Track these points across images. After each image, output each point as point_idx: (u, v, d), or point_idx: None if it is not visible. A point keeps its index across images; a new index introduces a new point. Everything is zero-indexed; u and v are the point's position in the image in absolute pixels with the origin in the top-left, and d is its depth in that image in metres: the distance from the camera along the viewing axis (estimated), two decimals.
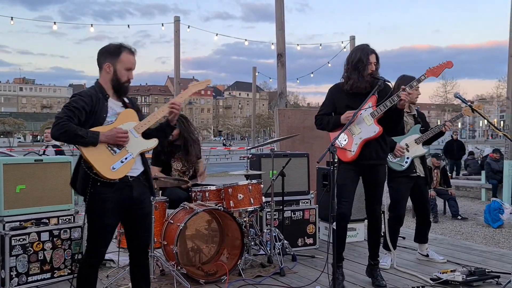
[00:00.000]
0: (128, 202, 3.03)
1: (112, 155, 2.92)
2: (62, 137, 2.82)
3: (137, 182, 3.06)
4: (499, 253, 5.40)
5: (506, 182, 8.39)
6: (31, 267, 4.05)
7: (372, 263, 4.16)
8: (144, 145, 3.06)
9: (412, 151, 4.53)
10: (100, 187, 2.89)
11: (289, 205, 5.36)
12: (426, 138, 4.57)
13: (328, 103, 4.04)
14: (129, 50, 3.05)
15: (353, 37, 13.18)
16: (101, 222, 2.97)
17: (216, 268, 4.34)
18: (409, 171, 4.51)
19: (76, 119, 2.84)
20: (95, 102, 2.94)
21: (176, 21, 10.79)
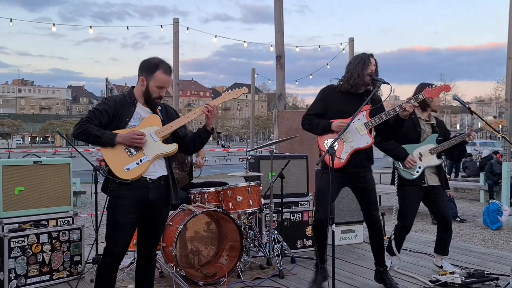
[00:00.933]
0: (144, 203, 3.07)
1: (129, 156, 3.00)
2: (80, 136, 2.95)
3: (155, 185, 3.10)
4: (498, 255, 5.40)
5: (504, 184, 8.39)
6: (30, 269, 4.04)
7: (381, 269, 4.07)
8: (162, 149, 3.08)
9: (425, 161, 4.37)
10: (117, 185, 2.98)
11: (288, 207, 5.36)
12: (442, 148, 4.40)
13: (319, 104, 3.96)
14: (165, 70, 3.09)
15: (352, 38, 13.21)
16: (114, 219, 3.02)
17: (215, 270, 4.34)
18: (417, 181, 4.36)
19: (96, 120, 2.98)
20: (119, 106, 3.06)
21: (175, 22, 10.79)
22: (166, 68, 3.09)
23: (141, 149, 3.02)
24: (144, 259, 3.27)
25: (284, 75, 8.83)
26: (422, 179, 4.37)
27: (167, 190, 3.17)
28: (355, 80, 3.80)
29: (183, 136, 3.25)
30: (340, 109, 3.85)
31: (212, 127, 3.22)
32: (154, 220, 3.19)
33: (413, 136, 4.39)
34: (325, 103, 3.94)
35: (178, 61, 11.05)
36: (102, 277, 3.12)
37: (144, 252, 3.26)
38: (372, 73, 3.81)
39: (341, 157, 3.81)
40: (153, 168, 3.07)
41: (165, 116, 3.20)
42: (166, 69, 3.09)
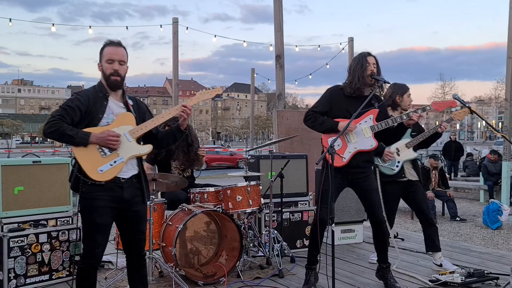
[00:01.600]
0: (119, 203, 3.01)
1: (102, 157, 2.91)
2: (52, 135, 2.84)
3: (128, 183, 3.04)
4: (498, 254, 5.40)
5: (504, 184, 8.39)
6: (29, 269, 4.03)
7: (384, 266, 4.08)
8: (136, 150, 3.03)
9: (402, 155, 4.55)
10: (90, 186, 2.90)
11: (288, 206, 5.36)
12: (417, 141, 4.57)
13: (324, 102, 3.94)
14: (111, 43, 3.03)
15: (351, 38, 13.20)
16: (92, 221, 2.95)
17: (215, 269, 4.34)
18: (397, 176, 4.54)
19: (69, 118, 2.86)
20: (92, 102, 2.94)
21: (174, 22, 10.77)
22: (110, 42, 3.03)
23: (115, 150, 2.94)
24: (133, 260, 3.21)
25: (284, 75, 8.83)
26: (402, 173, 4.56)
27: (141, 188, 3.11)
28: (357, 84, 3.81)
29: (156, 133, 3.19)
30: (345, 109, 3.83)
31: (186, 126, 3.20)
32: (134, 218, 3.12)
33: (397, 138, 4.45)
34: (331, 102, 3.91)
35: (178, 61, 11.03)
36: (84, 279, 3.06)
37: (132, 253, 3.19)
38: (372, 73, 3.80)
39: (343, 156, 3.81)
40: (125, 168, 3.00)
41: (137, 112, 3.13)
42: (112, 43, 3.03)
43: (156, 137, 3.18)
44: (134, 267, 3.22)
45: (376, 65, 3.86)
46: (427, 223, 4.60)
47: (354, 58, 3.95)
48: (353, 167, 3.85)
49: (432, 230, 4.60)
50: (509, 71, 8.31)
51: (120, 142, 2.93)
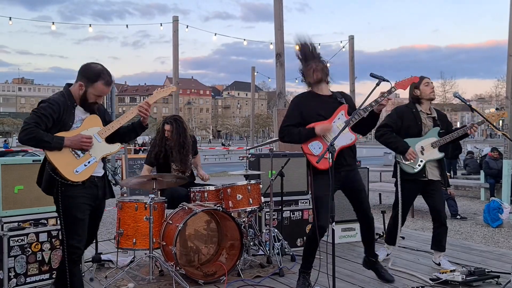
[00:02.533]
0: (95, 201, 3.28)
1: (76, 158, 3.12)
2: (29, 142, 3.00)
3: (101, 183, 3.32)
4: (499, 252, 5.39)
5: (505, 182, 8.38)
6: (30, 268, 4.03)
7: (373, 260, 4.17)
8: (107, 149, 3.28)
9: (426, 154, 4.40)
10: (70, 185, 3.10)
11: (288, 205, 5.35)
12: (444, 142, 4.40)
13: (294, 113, 3.90)
14: (106, 82, 3.20)
15: (352, 36, 13.20)
16: (75, 217, 3.14)
17: (215, 268, 4.33)
18: (418, 175, 4.41)
19: (43, 125, 3.02)
20: (62, 110, 3.12)
21: (174, 21, 10.77)
22: (107, 81, 3.20)
23: (87, 151, 3.16)
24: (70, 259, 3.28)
25: (284, 73, 8.81)
26: (423, 173, 4.42)
27: (109, 187, 3.41)
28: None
29: (117, 129, 3.38)
30: (318, 113, 3.83)
31: (147, 123, 3.43)
32: (99, 216, 3.44)
33: (414, 130, 4.42)
34: (300, 111, 3.88)
35: (178, 60, 11.03)
36: (75, 272, 3.22)
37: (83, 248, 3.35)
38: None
39: (327, 157, 3.79)
40: (98, 167, 3.26)
41: (98, 113, 3.34)
42: (107, 81, 3.20)
43: (119, 133, 3.39)
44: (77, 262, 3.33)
45: None
46: (439, 223, 4.51)
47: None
48: (342, 166, 3.85)
49: (442, 230, 4.52)
50: (510, 69, 8.29)
51: (92, 143, 3.16)
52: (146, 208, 4.09)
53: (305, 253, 3.95)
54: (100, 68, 3.20)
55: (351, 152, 3.95)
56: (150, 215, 4.04)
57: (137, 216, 4.12)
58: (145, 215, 4.09)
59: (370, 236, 4.14)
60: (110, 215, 8.87)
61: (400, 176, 4.47)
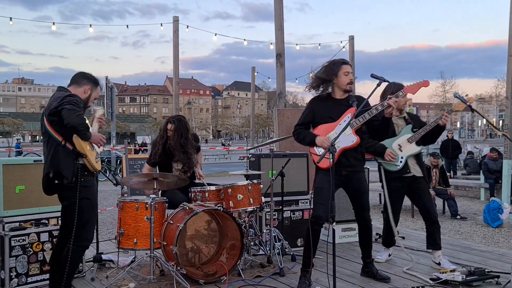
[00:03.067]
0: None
1: (92, 150, 3.53)
2: (81, 127, 3.28)
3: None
4: (499, 252, 5.40)
5: (505, 182, 8.39)
6: (31, 268, 4.05)
7: (369, 261, 4.29)
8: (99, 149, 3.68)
9: (405, 150, 4.54)
10: (87, 176, 3.49)
11: (289, 205, 5.36)
12: (419, 135, 4.54)
13: (307, 114, 4.10)
14: (100, 87, 3.81)
15: (352, 36, 13.21)
16: (94, 205, 3.62)
17: (216, 268, 4.34)
18: (403, 172, 4.54)
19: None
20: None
21: (175, 21, 10.78)
22: (101, 86, 3.80)
23: (94, 146, 3.57)
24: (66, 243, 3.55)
25: (284, 73, 8.81)
26: (407, 169, 4.55)
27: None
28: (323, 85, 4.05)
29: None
30: (329, 115, 3.99)
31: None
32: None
33: (387, 131, 4.51)
34: (313, 112, 4.07)
35: (178, 60, 11.04)
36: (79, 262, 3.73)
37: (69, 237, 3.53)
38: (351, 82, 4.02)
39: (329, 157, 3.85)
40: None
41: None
42: (101, 86, 3.80)
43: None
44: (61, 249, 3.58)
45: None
46: (430, 221, 4.61)
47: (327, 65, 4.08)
48: (343, 166, 3.94)
49: (434, 228, 4.60)
50: (510, 69, 8.30)
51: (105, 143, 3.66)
52: (147, 208, 4.10)
53: (304, 249, 4.05)
54: (95, 77, 3.76)
55: (357, 154, 4.03)
56: (151, 215, 4.05)
57: (138, 216, 4.13)
58: (146, 215, 4.10)
59: (365, 237, 4.25)
60: (110, 215, 8.89)
61: (385, 176, 4.59)
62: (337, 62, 4.06)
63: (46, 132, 3.46)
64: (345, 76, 3.97)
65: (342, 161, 3.94)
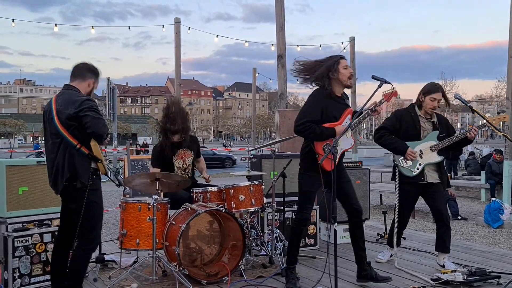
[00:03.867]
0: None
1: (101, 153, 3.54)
2: (106, 136, 3.40)
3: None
4: (500, 253, 5.41)
5: (506, 183, 8.40)
6: (34, 268, 4.07)
7: (366, 263, 4.14)
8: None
9: (425, 158, 4.40)
10: (96, 179, 3.50)
11: (290, 205, 5.38)
12: (443, 145, 4.38)
13: (317, 109, 3.88)
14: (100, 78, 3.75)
15: (353, 38, 13.20)
16: (102, 208, 3.61)
17: (218, 268, 4.36)
18: (417, 178, 4.43)
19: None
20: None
21: (176, 22, 10.78)
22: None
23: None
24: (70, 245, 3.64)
25: (286, 75, 8.83)
26: (422, 176, 4.43)
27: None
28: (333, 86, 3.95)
29: None
30: (334, 115, 3.91)
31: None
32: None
33: (412, 133, 4.43)
34: (321, 109, 3.89)
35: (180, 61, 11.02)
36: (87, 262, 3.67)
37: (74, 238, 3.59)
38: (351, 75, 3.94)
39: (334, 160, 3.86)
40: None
41: None
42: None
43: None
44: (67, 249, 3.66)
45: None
46: (441, 224, 4.49)
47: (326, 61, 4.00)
48: (340, 167, 4.00)
49: (445, 231, 4.50)
50: (510, 69, 8.31)
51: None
52: (149, 209, 4.12)
53: (289, 249, 4.12)
54: (95, 67, 3.70)
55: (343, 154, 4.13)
56: (153, 216, 4.07)
57: (140, 217, 4.14)
58: (149, 215, 4.11)
59: (358, 234, 4.09)
60: (113, 215, 8.92)
61: (399, 179, 4.51)
62: (334, 57, 3.97)
63: (58, 134, 3.40)
64: (344, 69, 3.88)
65: (339, 163, 4.01)
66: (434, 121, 4.52)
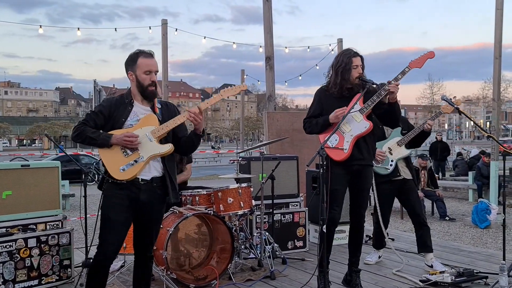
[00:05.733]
0: (135, 204, 3.11)
1: (125, 156, 3.05)
2: (76, 139, 3.08)
3: (147, 186, 3.11)
4: (487, 253, 5.45)
5: (493, 183, 8.48)
6: (18, 274, 3.99)
7: (355, 270, 4.06)
8: (157, 149, 3.09)
9: (395, 153, 4.58)
10: (110, 184, 3.06)
11: (279, 208, 5.36)
12: (408, 139, 4.57)
13: (316, 105, 3.95)
14: (145, 54, 3.13)
15: (340, 39, 13.23)
16: (107, 217, 3.08)
17: (206, 272, 4.32)
18: (393, 175, 4.56)
19: (92, 122, 3.08)
20: (114, 107, 3.12)
21: (163, 24, 10.73)
22: (146, 53, 3.13)
23: (137, 150, 3.05)
24: (140, 260, 3.32)
25: (274, 77, 8.83)
26: (397, 172, 4.58)
27: (162, 192, 3.17)
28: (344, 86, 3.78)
29: (181, 137, 3.25)
30: (334, 109, 3.77)
31: (203, 129, 3.19)
32: (147, 221, 3.21)
33: (378, 134, 4.49)
34: (321, 104, 3.92)
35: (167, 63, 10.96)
36: (93, 277, 3.13)
37: (139, 254, 3.32)
38: (360, 76, 3.77)
39: (343, 148, 3.76)
40: (147, 169, 3.10)
41: (166, 113, 3.23)
42: (146, 54, 3.13)
43: (180, 142, 3.23)
44: (140, 269, 3.35)
45: (362, 65, 3.82)
46: (419, 224, 4.62)
47: (338, 57, 3.85)
48: (357, 159, 3.79)
49: (424, 231, 4.61)
50: (496, 71, 8.41)
51: (137, 142, 3.03)
52: None
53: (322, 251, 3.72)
54: (137, 50, 3.17)
55: (368, 145, 3.87)
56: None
57: None
58: None
59: (356, 238, 4.08)
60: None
61: (375, 179, 4.59)
62: (347, 54, 3.81)
63: None
64: (353, 69, 3.76)
65: (354, 153, 3.76)
66: None
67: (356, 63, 3.77)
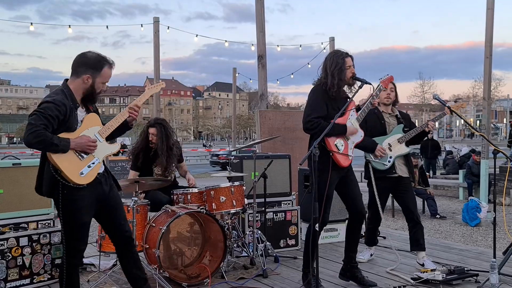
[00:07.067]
0: (102, 197, 3.21)
1: (80, 160, 3.04)
2: (38, 145, 2.87)
3: (103, 177, 3.24)
4: (477, 251, 5.50)
5: (483, 181, 8.57)
6: (10, 273, 3.96)
7: (354, 265, 4.12)
8: (109, 149, 3.22)
9: (394, 150, 4.56)
10: (73, 188, 3.01)
11: (271, 206, 5.37)
12: (409, 137, 4.58)
13: (322, 105, 3.81)
14: (110, 65, 3.18)
15: (332, 38, 13.27)
16: (80, 220, 3.10)
17: (199, 270, 4.33)
18: (388, 172, 4.55)
19: (51, 127, 2.90)
20: (68, 112, 3.00)
21: (155, 22, 10.69)
22: (110, 64, 3.18)
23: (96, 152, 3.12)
24: (124, 245, 3.38)
25: (266, 75, 8.84)
26: (393, 169, 4.57)
27: (112, 178, 3.37)
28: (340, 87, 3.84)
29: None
30: (334, 111, 3.79)
31: (133, 124, 3.38)
32: (114, 204, 3.33)
33: (379, 129, 4.57)
34: (325, 104, 3.84)
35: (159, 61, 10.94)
36: (72, 277, 3.19)
37: (123, 238, 3.36)
38: (353, 75, 3.85)
39: (350, 155, 3.89)
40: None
41: (97, 112, 3.32)
42: (110, 64, 3.18)
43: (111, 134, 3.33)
44: (126, 255, 3.39)
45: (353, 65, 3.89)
46: (413, 222, 4.60)
47: (330, 59, 3.86)
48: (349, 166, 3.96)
49: (417, 229, 4.60)
50: (487, 70, 8.48)
51: (96, 147, 3.09)
52: (128, 211, 4.06)
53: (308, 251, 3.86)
54: (98, 54, 3.15)
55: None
56: (133, 218, 4.01)
57: None
58: (128, 218, 4.05)
59: (354, 235, 4.10)
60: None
61: (373, 174, 4.60)
62: (340, 55, 3.83)
63: None
64: (347, 69, 3.80)
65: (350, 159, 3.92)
66: (397, 115, 4.72)
67: (349, 63, 3.84)
